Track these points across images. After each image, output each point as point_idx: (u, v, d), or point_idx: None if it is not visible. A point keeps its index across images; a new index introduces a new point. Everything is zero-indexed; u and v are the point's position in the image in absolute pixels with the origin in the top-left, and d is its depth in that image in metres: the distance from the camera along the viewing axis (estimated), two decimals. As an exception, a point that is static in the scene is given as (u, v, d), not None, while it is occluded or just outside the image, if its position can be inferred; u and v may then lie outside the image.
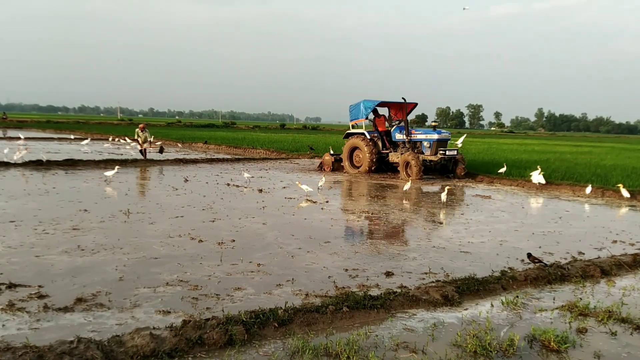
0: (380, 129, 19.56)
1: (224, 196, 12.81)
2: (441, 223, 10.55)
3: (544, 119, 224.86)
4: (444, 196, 12.97)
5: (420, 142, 18.34)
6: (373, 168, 18.73)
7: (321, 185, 14.31)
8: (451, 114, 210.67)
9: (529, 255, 7.42)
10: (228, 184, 14.87)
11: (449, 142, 18.56)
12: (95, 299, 5.52)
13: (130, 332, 4.40)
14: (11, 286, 5.80)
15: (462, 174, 18.28)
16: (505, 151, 32.40)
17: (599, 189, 15.61)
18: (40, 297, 5.54)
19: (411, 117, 20.87)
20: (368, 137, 18.97)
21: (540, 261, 7.24)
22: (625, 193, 14.36)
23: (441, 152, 17.82)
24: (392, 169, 19.16)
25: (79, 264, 6.76)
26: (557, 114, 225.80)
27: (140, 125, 22.29)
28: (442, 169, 18.60)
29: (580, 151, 35.66)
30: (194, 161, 21.67)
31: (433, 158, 17.81)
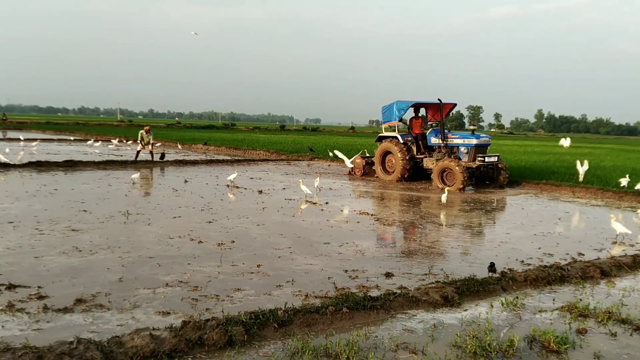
0: (415, 131, 18.01)
1: (224, 197, 12.81)
2: (442, 225, 10.55)
3: (544, 120, 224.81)
4: (444, 197, 12.97)
5: (458, 147, 16.50)
6: (407, 175, 17.13)
7: (317, 187, 14.15)
8: (451, 115, 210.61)
9: (491, 265, 7.06)
10: (228, 185, 14.87)
11: (489, 147, 16.93)
12: (94, 300, 5.52)
13: (130, 333, 4.40)
14: (11, 287, 5.80)
15: (505, 182, 16.65)
16: (506, 152, 32.37)
17: (599, 190, 15.64)
18: (40, 297, 5.53)
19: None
20: (401, 140, 17.36)
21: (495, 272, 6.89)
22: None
23: (480, 158, 16.02)
24: (428, 176, 17.06)
25: (78, 264, 6.75)
26: (556, 115, 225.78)
27: (146, 128, 22.32)
28: (480, 177, 16.71)
29: (580, 152, 35.64)
30: (194, 162, 21.67)
31: (471, 165, 15.98)
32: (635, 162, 27.88)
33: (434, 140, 17.07)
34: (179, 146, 31.75)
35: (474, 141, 16.11)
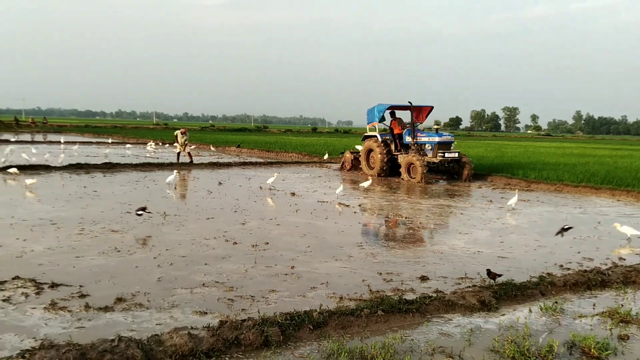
0: (395, 131, 19.96)
1: (257, 199, 12.92)
2: (475, 226, 10.41)
3: (583, 121, 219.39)
4: (339, 190, 13.43)
5: (424, 144, 18.70)
6: (385, 169, 19.12)
7: (339, 192, 14.04)
8: (486, 116, 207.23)
9: (489, 272, 6.68)
10: (261, 187, 14.99)
11: (452, 144, 18.76)
12: (134, 299, 5.64)
13: (169, 332, 4.48)
14: (53, 286, 5.98)
15: (467, 177, 18.48)
16: (542, 154, 31.77)
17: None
18: (82, 296, 5.69)
19: (430, 120, 21.53)
20: (380, 139, 19.46)
21: (499, 275, 6.62)
22: None
23: (440, 154, 18.03)
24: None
25: (117, 264, 6.92)
26: (595, 117, 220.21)
27: (182, 130, 22.71)
28: (449, 172, 19.11)
29: (620, 154, 34.70)
30: (228, 165, 21.91)
31: (434, 160, 18.12)
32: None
33: (408, 139, 19.16)
34: (213, 148, 32.16)
35: (436, 139, 18.26)
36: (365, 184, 15.34)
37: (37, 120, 63.99)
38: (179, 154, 22.19)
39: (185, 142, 22.24)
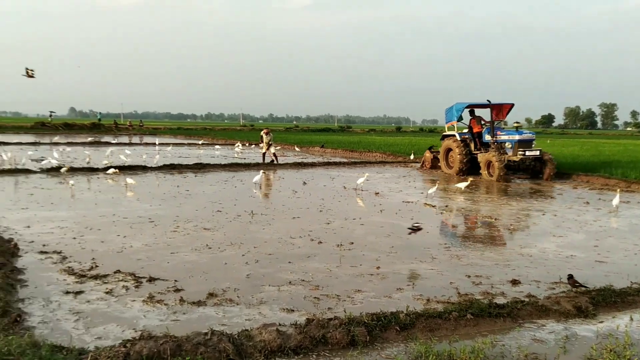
0: (474, 130, 19.71)
1: (341, 199, 13.00)
2: (570, 229, 9.89)
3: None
4: (432, 191, 13.23)
5: (504, 143, 18.37)
6: (464, 169, 18.86)
7: (432, 192, 13.81)
8: (581, 113, 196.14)
9: (570, 277, 6.22)
10: (345, 187, 15.07)
11: (533, 142, 18.30)
12: (224, 295, 5.86)
13: (258, 327, 4.61)
14: (150, 280, 6.33)
15: (549, 176, 17.90)
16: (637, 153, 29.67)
17: None
18: (176, 290, 5.98)
19: (513, 117, 21.14)
20: (459, 138, 19.36)
21: (581, 285, 6.14)
22: None
23: (521, 152, 17.67)
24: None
25: (209, 260, 7.21)
26: None
27: (265, 130, 23.30)
28: (533, 171, 18.50)
29: None
30: (312, 164, 22.21)
31: (514, 158, 17.81)
32: None
33: (487, 138, 18.90)
34: (297, 149, 32.69)
35: (516, 137, 17.91)
36: (462, 184, 14.74)
37: (134, 124, 67.77)
38: (264, 154, 22.75)
39: (270, 142, 22.72)
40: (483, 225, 10.30)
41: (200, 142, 38.18)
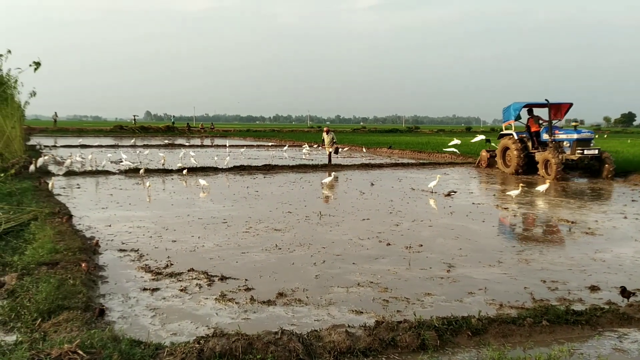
0: (532, 129, 19.65)
1: (410, 200, 12.84)
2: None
3: None
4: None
5: (562, 141, 18.33)
6: (521, 168, 18.84)
7: (516, 194, 13.37)
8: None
9: (623, 290, 5.79)
10: (413, 189, 14.88)
11: (592, 141, 18.23)
12: (294, 295, 5.93)
13: (327, 328, 4.64)
14: (222, 278, 6.50)
15: (608, 175, 17.70)
16: None
17: None
18: (247, 289, 6.11)
19: (568, 116, 20.79)
20: (516, 137, 19.38)
21: (633, 294, 5.71)
22: None
23: (579, 151, 17.65)
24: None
25: (279, 260, 7.33)
26: None
27: (325, 129, 23.42)
28: (592, 170, 18.35)
29: None
30: (379, 166, 22.08)
31: (572, 157, 17.78)
32: None
33: (545, 137, 18.74)
34: (364, 150, 32.59)
35: (574, 136, 17.89)
36: (542, 187, 14.00)
37: (206, 126, 69.77)
38: (330, 155, 22.81)
39: (333, 141, 22.70)
40: (560, 229, 9.87)
41: (269, 144, 38.83)
